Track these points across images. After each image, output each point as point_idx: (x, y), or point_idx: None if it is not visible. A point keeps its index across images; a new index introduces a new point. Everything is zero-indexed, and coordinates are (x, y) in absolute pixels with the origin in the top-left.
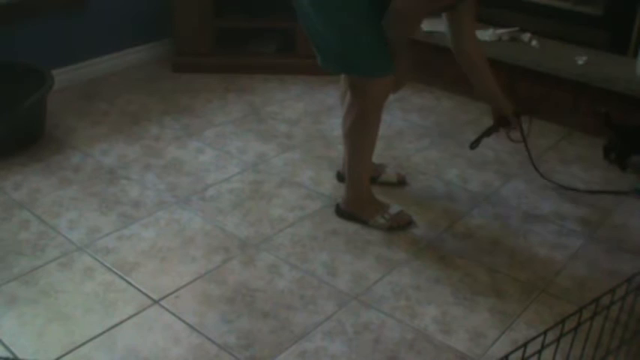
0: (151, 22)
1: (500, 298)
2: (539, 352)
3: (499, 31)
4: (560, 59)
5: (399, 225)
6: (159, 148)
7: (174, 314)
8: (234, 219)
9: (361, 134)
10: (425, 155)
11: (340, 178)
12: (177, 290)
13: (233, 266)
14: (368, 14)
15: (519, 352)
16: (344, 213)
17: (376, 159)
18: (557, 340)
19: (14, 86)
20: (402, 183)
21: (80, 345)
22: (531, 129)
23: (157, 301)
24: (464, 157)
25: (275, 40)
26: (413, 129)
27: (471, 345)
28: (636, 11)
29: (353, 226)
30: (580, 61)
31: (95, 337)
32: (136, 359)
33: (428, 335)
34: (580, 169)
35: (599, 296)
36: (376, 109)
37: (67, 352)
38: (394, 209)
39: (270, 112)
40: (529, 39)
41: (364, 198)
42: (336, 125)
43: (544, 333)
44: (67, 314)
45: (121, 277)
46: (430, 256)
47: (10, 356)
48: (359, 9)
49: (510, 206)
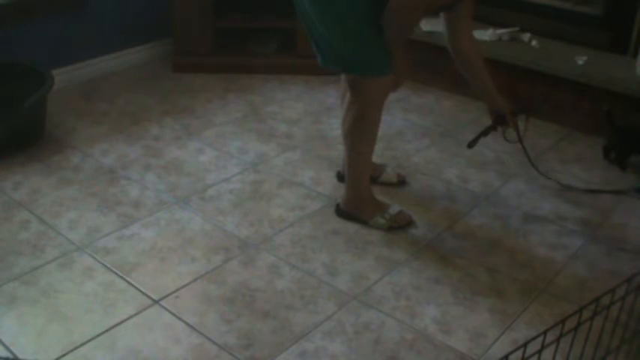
0: (151, 22)
1: (500, 298)
2: (539, 352)
3: (499, 31)
4: (560, 59)
5: (399, 225)
6: (159, 148)
7: (174, 314)
8: (234, 219)
9: (361, 134)
10: (425, 155)
11: (340, 178)
12: (177, 290)
13: (233, 266)
14: (367, 14)
15: (519, 352)
16: (344, 213)
17: (376, 159)
18: (557, 340)
19: (14, 86)
20: (402, 183)
21: (80, 345)
22: (528, 128)
23: (157, 301)
24: (464, 157)
25: (275, 40)
26: (413, 129)
27: (471, 345)
28: (636, 11)
29: (353, 226)
30: (580, 61)
31: (95, 337)
32: (136, 359)
33: (428, 335)
34: (580, 169)
35: (599, 296)
36: (376, 108)
37: (67, 352)
38: (394, 209)
39: (270, 112)
40: (529, 39)
41: (364, 198)
42: (336, 125)
43: (544, 333)
44: (67, 314)
45: (121, 277)
46: (430, 256)
47: (10, 356)
48: (358, 9)
49: (510, 206)
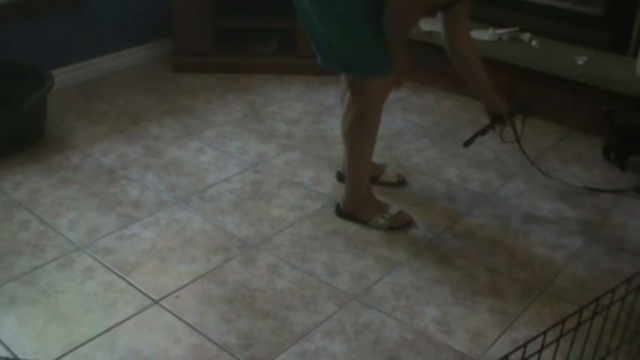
0: (151, 22)
1: (500, 298)
2: (539, 352)
3: (499, 31)
4: (560, 59)
5: (399, 225)
6: (159, 148)
7: (174, 314)
8: (234, 219)
9: (361, 134)
10: (425, 155)
11: (340, 178)
12: (177, 290)
13: (233, 266)
14: (367, 14)
15: (519, 352)
16: (344, 213)
17: (376, 159)
18: (557, 340)
19: (14, 86)
20: (402, 183)
21: (80, 345)
22: (525, 128)
23: (157, 301)
24: (464, 157)
25: (275, 40)
26: (413, 129)
27: (471, 345)
28: (636, 11)
29: (353, 226)
30: (580, 61)
31: (95, 337)
32: (136, 359)
33: (428, 335)
34: (580, 169)
35: (599, 296)
36: (376, 108)
37: (67, 352)
38: (394, 209)
39: (270, 112)
40: (529, 39)
41: (364, 198)
42: (336, 125)
43: (544, 333)
44: (67, 314)
45: (121, 277)
46: (430, 256)
47: (10, 356)
48: (358, 9)
49: (510, 206)
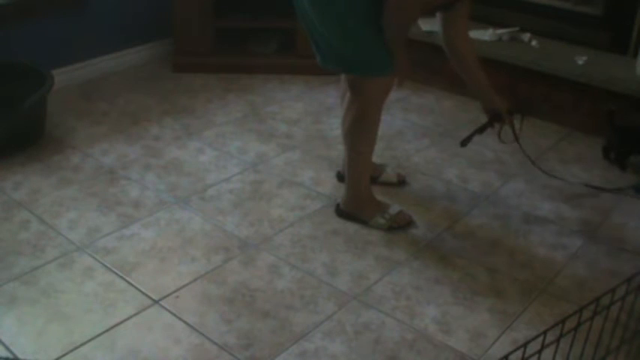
0: (151, 22)
1: (500, 298)
2: (539, 352)
3: (499, 31)
4: (560, 59)
5: (399, 225)
6: (159, 148)
7: (174, 314)
8: (234, 219)
9: (361, 134)
10: (425, 155)
11: (340, 178)
12: (177, 290)
13: (233, 266)
14: (367, 14)
15: (519, 352)
16: (344, 213)
17: (376, 159)
18: (557, 340)
19: (14, 86)
20: (402, 183)
21: (80, 345)
22: (525, 128)
23: (157, 301)
24: (464, 157)
25: (275, 40)
26: (413, 129)
27: (471, 345)
28: (636, 11)
29: (353, 226)
30: (580, 61)
31: (95, 337)
32: (136, 359)
33: (428, 335)
34: (580, 169)
35: (599, 296)
36: (376, 108)
37: (67, 352)
38: (394, 209)
39: (270, 112)
40: (529, 39)
41: (364, 198)
42: (336, 125)
43: (544, 333)
44: (67, 314)
45: (121, 277)
46: (430, 256)
47: (10, 356)
48: (358, 9)
49: (510, 206)
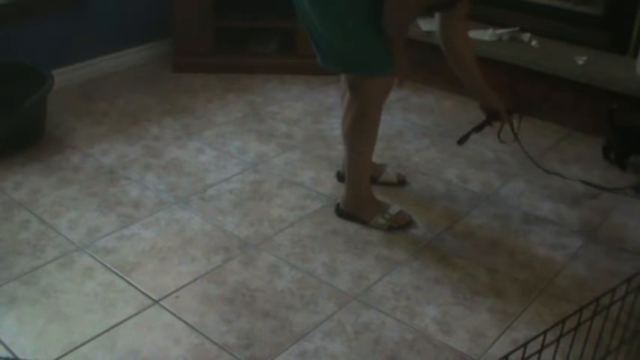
0: (151, 22)
1: (500, 298)
2: (539, 352)
3: (499, 31)
4: (560, 59)
5: (399, 225)
6: (159, 148)
7: (174, 314)
8: (234, 219)
9: (361, 134)
10: (425, 155)
11: (340, 178)
12: (177, 290)
13: (233, 266)
14: (367, 14)
15: (519, 352)
16: (344, 213)
17: (376, 159)
18: (557, 340)
19: (14, 86)
20: (402, 183)
21: (80, 345)
22: (525, 128)
23: (157, 301)
24: (464, 157)
25: (275, 40)
26: (413, 129)
27: (471, 345)
28: (636, 11)
29: (353, 226)
30: (580, 61)
31: (95, 337)
32: (136, 359)
33: (428, 335)
34: (580, 169)
35: (599, 296)
36: (376, 108)
37: (67, 352)
38: (394, 209)
39: (270, 112)
40: (529, 39)
41: (364, 198)
42: (336, 125)
43: (544, 333)
44: (67, 314)
45: (121, 277)
46: (430, 256)
47: (10, 356)
48: (358, 9)
49: (510, 206)
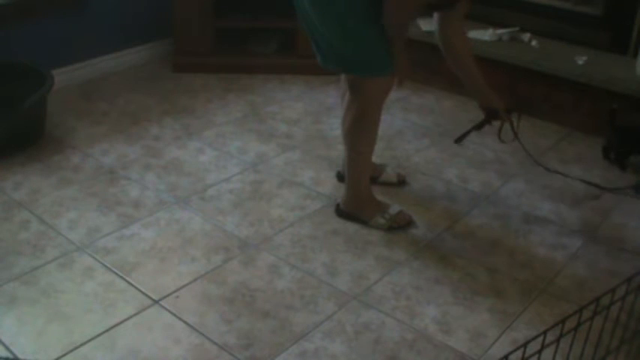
0: (151, 22)
1: (500, 298)
2: (539, 352)
3: (499, 31)
4: (560, 59)
5: (399, 225)
6: (159, 148)
7: (174, 314)
8: (234, 219)
9: (361, 134)
10: (425, 155)
11: (340, 178)
12: (177, 290)
13: (233, 266)
14: (367, 14)
15: (519, 352)
16: (344, 213)
17: (376, 159)
18: (557, 340)
19: (14, 86)
20: (402, 183)
21: (80, 345)
22: (525, 128)
23: (157, 301)
24: (464, 157)
25: (275, 40)
26: (413, 129)
27: (471, 345)
28: (636, 11)
29: (353, 226)
30: (580, 61)
31: (95, 337)
32: (136, 359)
33: (428, 335)
34: (580, 169)
35: (599, 296)
36: (376, 108)
37: (67, 352)
38: (394, 209)
39: (270, 112)
40: (529, 39)
41: (364, 198)
42: (336, 125)
43: (544, 333)
44: (67, 314)
45: (121, 277)
46: (430, 256)
47: (10, 356)
48: (358, 9)
49: (510, 206)
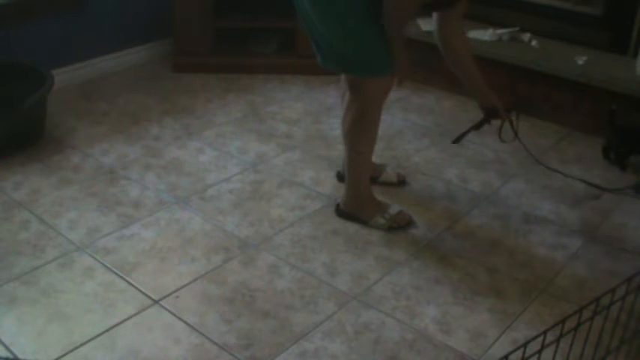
0: (151, 22)
1: (500, 298)
2: (539, 352)
3: (499, 31)
4: (560, 59)
5: (399, 225)
6: (159, 148)
7: (174, 314)
8: (234, 219)
9: (361, 134)
10: (425, 155)
11: (340, 178)
12: (177, 290)
13: (233, 266)
14: (367, 14)
15: (519, 352)
16: (344, 213)
17: (376, 159)
18: (557, 340)
19: (14, 86)
20: (402, 183)
21: (80, 345)
22: (525, 128)
23: (157, 301)
24: (464, 157)
25: (275, 40)
26: (413, 129)
27: (471, 345)
28: (636, 11)
29: (353, 226)
30: (580, 61)
31: (95, 337)
32: (136, 359)
33: (428, 335)
34: (580, 169)
35: (599, 296)
36: (376, 108)
37: (67, 352)
38: (394, 209)
39: (270, 112)
40: (529, 39)
41: (364, 198)
42: (336, 125)
43: (544, 333)
44: (67, 314)
45: (121, 277)
46: (430, 256)
47: (10, 356)
48: (358, 9)
49: (510, 206)
